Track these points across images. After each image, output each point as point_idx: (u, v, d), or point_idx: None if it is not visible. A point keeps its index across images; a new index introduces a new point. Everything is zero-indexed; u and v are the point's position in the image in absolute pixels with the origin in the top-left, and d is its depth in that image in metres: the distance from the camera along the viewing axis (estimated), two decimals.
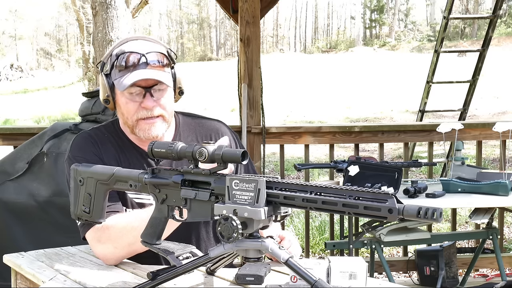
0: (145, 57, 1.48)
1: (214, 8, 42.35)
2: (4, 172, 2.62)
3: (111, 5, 7.50)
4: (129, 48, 1.50)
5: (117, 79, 1.49)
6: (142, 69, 1.48)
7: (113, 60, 1.50)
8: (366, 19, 42.53)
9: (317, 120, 13.21)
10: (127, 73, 1.48)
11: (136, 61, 1.48)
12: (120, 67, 1.48)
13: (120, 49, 1.51)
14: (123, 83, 1.47)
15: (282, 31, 48.16)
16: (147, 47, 1.51)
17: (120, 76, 1.49)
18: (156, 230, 1.30)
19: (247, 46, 3.32)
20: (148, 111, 1.51)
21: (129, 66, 1.48)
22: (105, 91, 1.53)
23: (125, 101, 1.51)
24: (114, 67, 1.50)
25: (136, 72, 1.48)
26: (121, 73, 1.49)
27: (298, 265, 1.10)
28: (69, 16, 31.73)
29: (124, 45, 1.52)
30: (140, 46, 1.51)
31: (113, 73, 1.51)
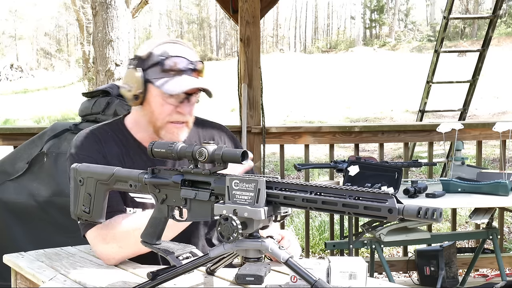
0: (192, 64, 1.50)
1: (214, 8, 42.35)
2: (4, 172, 2.62)
3: (111, 5, 7.49)
4: (175, 52, 1.49)
5: (158, 79, 1.48)
6: (189, 76, 1.49)
7: (155, 59, 1.49)
8: (366, 19, 42.52)
9: (317, 120, 13.21)
10: (173, 76, 1.47)
11: (183, 67, 1.48)
12: (166, 69, 1.47)
13: (163, 50, 1.49)
14: (172, 87, 1.46)
15: (282, 31, 48.16)
16: (191, 54, 1.52)
17: (162, 77, 1.48)
18: (156, 230, 1.30)
19: (247, 46, 3.32)
20: (182, 116, 1.52)
21: (176, 70, 1.47)
22: (138, 87, 1.50)
23: (160, 102, 1.50)
24: (155, 66, 1.49)
25: (185, 79, 1.48)
26: (165, 74, 1.48)
27: (298, 265, 1.10)
28: (69, 16, 31.73)
29: (165, 45, 1.51)
30: (184, 52, 1.51)
31: (152, 72, 1.49)
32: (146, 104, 1.53)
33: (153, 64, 1.49)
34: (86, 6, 15.21)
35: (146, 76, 1.49)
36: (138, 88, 1.50)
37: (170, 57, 1.48)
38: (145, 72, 1.49)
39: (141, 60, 1.51)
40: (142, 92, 1.50)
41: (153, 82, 1.49)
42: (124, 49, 7.67)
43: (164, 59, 1.47)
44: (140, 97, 1.51)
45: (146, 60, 1.50)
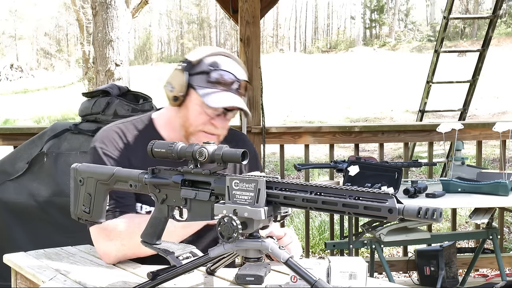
0: (239, 83, 1.51)
1: (214, 8, 42.36)
2: (4, 172, 2.62)
3: (111, 5, 7.49)
4: (225, 66, 1.50)
5: (202, 88, 1.49)
6: (232, 93, 1.50)
7: (204, 68, 1.50)
8: (366, 19, 42.53)
9: (317, 120, 13.21)
10: (218, 90, 1.48)
11: (230, 83, 1.50)
12: (212, 80, 1.49)
13: (214, 60, 1.50)
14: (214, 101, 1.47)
15: (282, 31, 48.17)
16: (240, 72, 1.53)
17: (206, 87, 1.49)
18: (156, 230, 1.30)
19: (247, 46, 3.32)
20: (215, 128, 1.53)
21: (222, 84, 1.49)
22: (180, 89, 1.51)
23: (198, 110, 1.51)
24: (202, 74, 1.50)
25: (228, 96, 1.49)
26: (210, 85, 1.49)
27: (298, 265, 1.10)
28: (69, 16, 31.74)
29: (217, 57, 1.51)
30: (234, 68, 1.52)
31: (197, 79, 1.50)
32: (184, 107, 1.54)
33: (200, 72, 1.50)
34: (86, 6, 15.21)
35: (191, 81, 1.50)
36: (180, 90, 1.51)
37: (219, 70, 1.49)
38: (191, 77, 1.50)
39: (190, 64, 1.51)
40: (183, 95, 1.51)
41: (196, 89, 1.49)
42: (124, 49, 7.67)
43: (213, 70, 1.49)
44: (179, 100, 1.52)
45: (195, 65, 1.51)
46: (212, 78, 1.49)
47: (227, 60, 1.53)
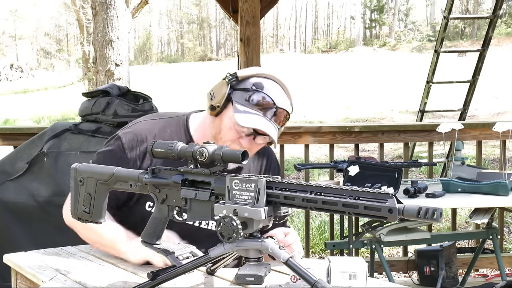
0: (276, 110, 1.49)
1: (214, 8, 42.37)
2: (4, 172, 2.62)
3: (111, 5, 7.49)
4: (268, 90, 1.50)
5: (239, 104, 1.49)
6: (265, 118, 1.49)
7: (247, 86, 1.50)
8: (366, 19, 42.55)
9: (317, 120, 13.21)
10: (252, 110, 1.48)
11: (266, 108, 1.49)
12: (250, 100, 1.49)
13: (260, 81, 1.50)
14: (245, 120, 1.47)
15: (282, 31, 48.18)
16: (283, 100, 1.52)
17: (243, 105, 1.49)
18: (156, 230, 1.30)
19: (247, 46, 3.32)
20: (241, 147, 1.51)
21: (258, 106, 1.48)
22: (219, 100, 1.51)
23: (230, 126, 1.51)
24: (243, 91, 1.50)
25: (260, 119, 1.48)
26: (247, 104, 1.49)
27: (298, 265, 1.10)
28: (69, 16, 31.74)
29: (264, 80, 1.51)
30: (277, 94, 1.51)
31: (239, 95, 1.50)
32: (219, 119, 1.53)
33: (242, 89, 1.50)
34: (86, 6, 15.22)
35: (231, 96, 1.50)
36: (219, 101, 1.51)
37: (260, 92, 1.49)
38: (233, 92, 1.51)
39: (237, 79, 1.52)
40: (220, 106, 1.51)
41: (233, 104, 1.50)
42: (124, 49, 7.67)
43: (254, 91, 1.49)
44: (216, 110, 1.52)
45: (241, 81, 1.51)
46: (250, 98, 1.49)
47: (273, 85, 1.52)
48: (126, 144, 1.56)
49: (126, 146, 1.56)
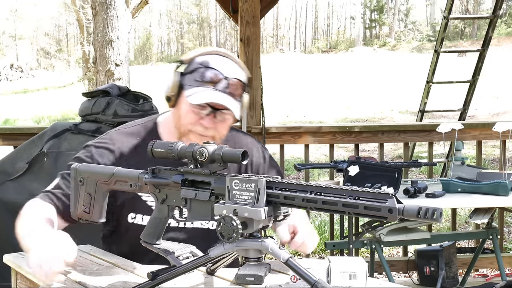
0: (226, 80, 1.46)
1: (214, 8, 42.35)
2: (4, 172, 2.62)
3: (111, 5, 7.49)
4: (214, 64, 1.47)
5: (190, 87, 1.47)
6: (218, 91, 1.46)
7: (194, 67, 1.48)
8: (366, 19, 42.52)
9: (317, 120, 13.21)
10: (203, 87, 1.46)
11: (216, 81, 1.46)
12: (198, 78, 1.46)
13: (204, 59, 1.48)
14: (196, 98, 1.45)
15: (282, 31, 48.16)
16: (232, 71, 1.49)
17: (193, 86, 1.46)
18: (156, 230, 1.30)
19: (247, 46, 3.32)
20: (204, 129, 1.49)
21: (207, 81, 1.46)
22: (172, 90, 1.50)
23: (187, 109, 1.49)
24: (191, 73, 1.48)
25: (212, 92, 1.45)
26: (197, 83, 1.46)
27: (298, 265, 1.10)
28: (69, 16, 31.72)
29: (209, 56, 1.49)
30: (225, 66, 1.48)
31: (188, 78, 1.48)
32: (177, 108, 1.53)
33: (190, 71, 1.48)
34: (86, 6, 15.21)
35: (182, 81, 1.49)
36: (172, 90, 1.50)
37: (207, 68, 1.46)
38: (183, 77, 1.49)
39: (183, 64, 1.51)
40: (174, 95, 1.50)
41: (185, 88, 1.48)
42: (124, 49, 7.67)
43: (201, 68, 1.47)
44: (172, 100, 1.51)
45: (187, 65, 1.50)
46: (199, 76, 1.46)
47: (219, 59, 1.49)
48: (95, 154, 1.56)
49: (95, 156, 1.56)
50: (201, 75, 1.46)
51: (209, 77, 1.46)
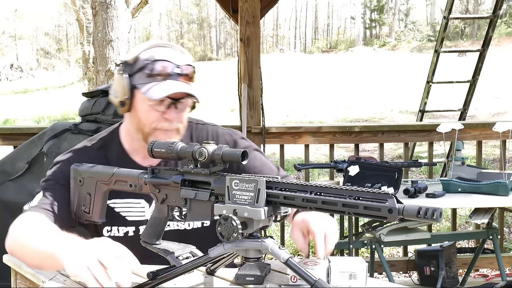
0: (179, 68, 1.43)
1: (214, 8, 42.36)
2: (4, 172, 2.62)
3: (111, 5, 7.50)
4: (161, 55, 1.43)
5: (144, 84, 1.42)
6: (174, 80, 1.42)
7: (141, 64, 1.43)
8: (366, 19, 42.52)
9: (317, 120, 13.21)
10: (158, 81, 1.41)
11: (169, 71, 1.42)
12: (150, 74, 1.42)
13: (149, 54, 1.44)
14: (155, 93, 1.40)
15: (282, 31, 48.16)
16: (180, 58, 1.46)
17: (147, 82, 1.42)
18: (156, 230, 1.30)
19: (247, 46, 3.32)
20: (169, 122, 1.45)
21: (160, 74, 1.42)
22: (124, 93, 1.44)
23: (147, 109, 1.44)
24: (140, 71, 1.43)
25: (170, 83, 1.41)
26: (150, 79, 1.42)
27: (298, 265, 1.10)
28: (69, 16, 31.71)
29: (152, 50, 1.45)
30: (171, 55, 1.45)
31: (137, 77, 1.43)
32: (133, 110, 1.47)
33: (139, 69, 1.43)
34: (86, 6, 15.20)
35: (132, 82, 1.44)
36: (124, 94, 1.44)
37: (155, 61, 1.42)
38: (132, 78, 1.44)
39: (128, 65, 1.45)
40: (128, 98, 1.44)
41: (138, 88, 1.43)
42: (124, 49, 7.68)
43: (149, 63, 1.42)
44: (126, 104, 1.45)
45: (132, 65, 1.44)
46: (150, 72, 1.41)
47: (163, 50, 1.45)
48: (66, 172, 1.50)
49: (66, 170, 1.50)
50: (151, 70, 1.42)
51: (161, 70, 1.42)
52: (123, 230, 1.53)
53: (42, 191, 1.49)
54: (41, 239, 1.28)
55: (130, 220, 1.53)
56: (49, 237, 1.27)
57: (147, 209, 1.53)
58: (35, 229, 1.35)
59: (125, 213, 1.53)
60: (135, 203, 1.53)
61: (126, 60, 1.47)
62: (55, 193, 1.47)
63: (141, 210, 1.53)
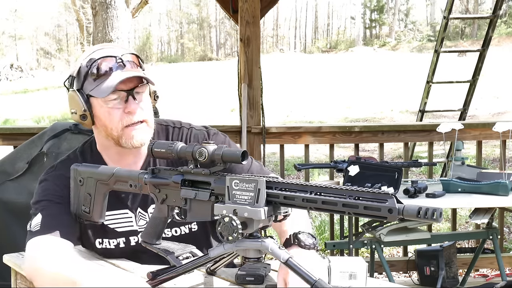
0: (120, 59, 1.41)
1: (214, 8, 42.36)
2: (4, 172, 2.62)
3: (111, 5, 7.50)
4: (100, 54, 1.42)
5: (94, 88, 1.40)
6: (119, 71, 1.40)
7: (84, 71, 1.41)
8: (366, 19, 42.53)
9: (317, 120, 13.20)
10: (105, 78, 1.39)
11: (112, 65, 1.40)
12: (95, 75, 1.40)
13: (89, 58, 1.42)
14: (104, 89, 1.38)
15: (282, 31, 48.17)
16: (119, 51, 1.44)
17: (96, 85, 1.40)
18: (156, 230, 1.30)
19: (247, 46, 3.32)
20: (133, 115, 1.42)
21: (105, 71, 1.39)
22: (80, 107, 1.42)
23: (107, 111, 1.42)
24: (87, 78, 1.41)
25: (115, 74, 1.39)
26: (98, 81, 1.40)
27: (298, 265, 1.10)
28: (69, 16, 31.75)
29: (92, 54, 1.43)
30: (110, 51, 1.43)
31: (87, 85, 1.41)
32: (97, 119, 1.45)
33: (84, 77, 1.42)
34: (86, 6, 15.21)
35: (85, 92, 1.42)
36: (81, 107, 1.42)
37: (95, 62, 1.40)
38: (82, 89, 1.42)
39: (74, 78, 1.44)
40: (86, 109, 1.42)
41: (92, 95, 1.41)
42: None
43: (91, 66, 1.40)
44: (87, 116, 1.43)
45: (78, 76, 1.43)
46: (94, 73, 1.39)
47: (101, 51, 1.44)
48: (53, 186, 1.51)
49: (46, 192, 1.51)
50: (95, 71, 1.40)
51: (104, 68, 1.40)
52: (114, 242, 1.53)
53: (40, 213, 1.44)
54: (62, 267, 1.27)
55: (120, 231, 1.52)
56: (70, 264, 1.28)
57: (134, 219, 1.52)
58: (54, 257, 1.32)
59: (113, 225, 1.52)
60: (121, 213, 1.52)
61: (71, 74, 1.45)
62: (53, 212, 1.45)
63: (129, 221, 1.52)
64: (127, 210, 1.52)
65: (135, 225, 1.52)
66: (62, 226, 1.42)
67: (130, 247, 1.52)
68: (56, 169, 1.55)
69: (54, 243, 1.39)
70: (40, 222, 1.41)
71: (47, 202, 1.47)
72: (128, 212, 1.52)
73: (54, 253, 1.34)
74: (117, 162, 1.51)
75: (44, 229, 1.40)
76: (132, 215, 1.52)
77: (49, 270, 1.28)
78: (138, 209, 1.52)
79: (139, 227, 1.52)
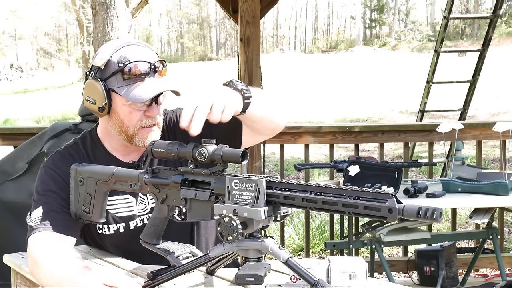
0: (153, 65, 1.43)
1: (214, 8, 42.37)
2: (4, 172, 2.62)
3: (111, 5, 7.50)
4: (133, 55, 1.42)
5: (122, 87, 1.41)
6: (154, 79, 1.43)
7: (114, 67, 1.41)
8: (366, 19, 42.56)
9: (317, 120, 13.21)
10: (136, 81, 1.41)
11: (145, 70, 1.42)
12: (127, 75, 1.41)
13: (120, 55, 1.42)
14: (140, 95, 1.39)
15: (282, 31, 48.19)
16: (150, 55, 1.46)
17: (126, 85, 1.41)
18: (156, 230, 1.30)
19: (247, 46, 3.31)
20: (152, 119, 1.46)
21: (137, 75, 1.41)
22: (101, 99, 1.42)
23: (129, 110, 1.43)
24: (116, 74, 1.41)
25: (149, 83, 1.42)
26: (128, 81, 1.41)
27: (298, 265, 1.10)
28: (69, 16, 31.74)
29: (122, 50, 1.43)
30: (143, 54, 1.44)
31: (113, 80, 1.42)
32: (114, 114, 1.46)
33: (113, 73, 1.42)
34: (86, 6, 15.22)
35: (108, 86, 1.43)
36: (102, 99, 1.43)
37: (129, 63, 1.41)
38: (106, 82, 1.43)
39: (100, 70, 1.44)
40: (106, 103, 1.43)
41: (116, 91, 1.42)
42: None
43: (124, 66, 1.41)
44: (106, 109, 1.44)
45: (105, 69, 1.43)
46: (126, 74, 1.40)
47: (133, 49, 1.44)
48: (51, 176, 1.51)
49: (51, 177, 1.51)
50: (127, 72, 1.41)
51: (138, 71, 1.41)
52: (114, 227, 1.54)
53: (41, 206, 1.45)
54: (61, 266, 1.29)
55: (120, 216, 1.53)
56: (69, 264, 1.30)
57: (135, 203, 1.53)
58: (54, 256, 1.34)
59: (114, 210, 1.53)
60: (122, 199, 1.53)
61: (97, 65, 1.45)
62: (54, 207, 1.45)
63: (130, 205, 1.53)
64: (127, 195, 1.53)
65: (135, 209, 1.54)
66: (63, 221, 1.44)
67: (129, 231, 1.53)
68: (53, 158, 1.55)
69: (54, 240, 1.40)
70: (40, 216, 1.43)
71: (51, 193, 1.48)
72: (129, 197, 1.53)
73: (54, 251, 1.35)
74: (118, 152, 1.54)
75: (44, 224, 1.42)
76: (133, 200, 1.53)
77: (48, 268, 1.30)
78: (139, 193, 1.53)
79: (139, 211, 1.54)
